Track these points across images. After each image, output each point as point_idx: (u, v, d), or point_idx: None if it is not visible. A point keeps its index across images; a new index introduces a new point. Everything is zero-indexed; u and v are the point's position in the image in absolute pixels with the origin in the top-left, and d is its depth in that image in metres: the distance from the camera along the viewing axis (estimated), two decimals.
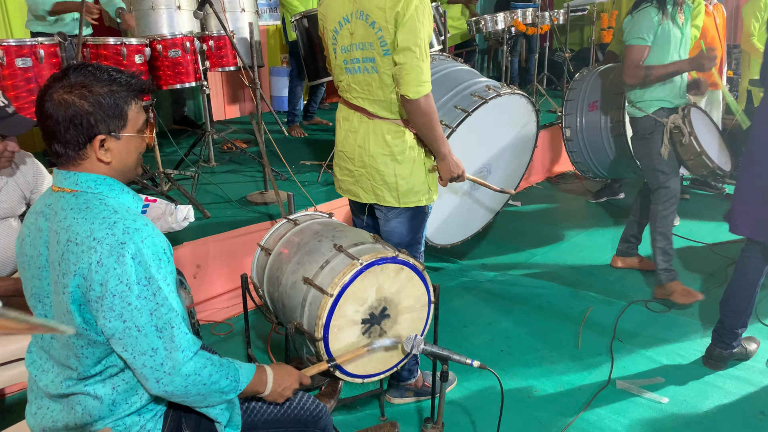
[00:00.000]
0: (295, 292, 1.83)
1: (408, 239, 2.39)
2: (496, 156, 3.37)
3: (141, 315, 1.27)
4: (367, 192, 2.34)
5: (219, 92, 6.21)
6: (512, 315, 3.19)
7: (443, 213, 3.40)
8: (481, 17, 5.76)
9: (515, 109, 3.35)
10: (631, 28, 3.05)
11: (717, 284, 3.48)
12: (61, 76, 1.30)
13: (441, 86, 3.25)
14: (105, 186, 1.34)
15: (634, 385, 2.59)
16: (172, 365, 1.29)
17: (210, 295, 3.19)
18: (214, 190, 3.95)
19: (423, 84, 2.06)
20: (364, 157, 2.27)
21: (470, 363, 1.76)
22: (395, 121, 2.22)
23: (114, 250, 1.25)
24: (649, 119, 3.16)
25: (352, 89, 2.27)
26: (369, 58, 2.15)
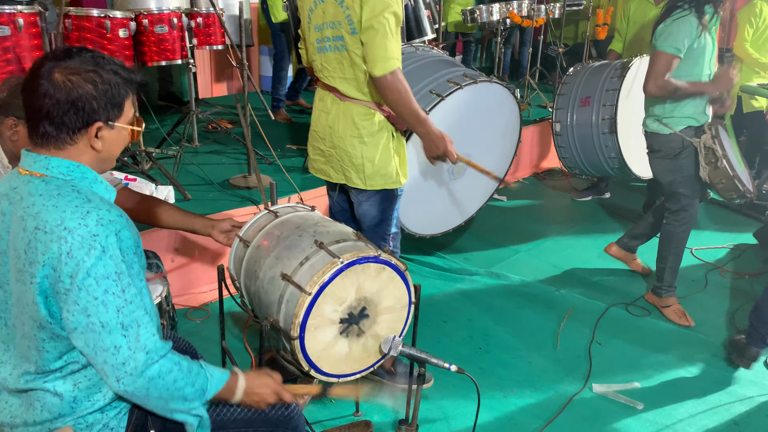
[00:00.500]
0: (273, 287, 1.78)
1: (378, 220, 2.46)
2: (477, 147, 3.34)
3: (107, 311, 1.21)
4: (337, 172, 2.40)
5: (206, 70, 6.08)
6: (492, 312, 3.17)
7: (426, 203, 3.37)
8: (476, 7, 5.69)
9: (495, 99, 3.33)
10: (667, 35, 2.80)
11: (698, 290, 3.49)
12: (64, 56, 1.26)
13: (419, 74, 3.27)
14: (78, 173, 1.29)
15: (610, 390, 2.58)
16: (135, 366, 1.23)
17: (187, 280, 3.13)
18: (196, 171, 3.87)
19: (388, 60, 2.07)
20: (333, 138, 2.32)
21: (448, 367, 1.74)
22: (366, 103, 2.25)
23: (85, 241, 1.19)
24: (677, 138, 2.96)
25: (324, 68, 2.31)
26: (338, 37, 2.18)
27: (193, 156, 4.14)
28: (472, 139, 3.33)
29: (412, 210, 3.31)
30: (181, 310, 3.04)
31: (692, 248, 4.00)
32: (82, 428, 1.32)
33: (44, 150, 1.28)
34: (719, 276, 3.67)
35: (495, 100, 3.34)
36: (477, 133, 3.36)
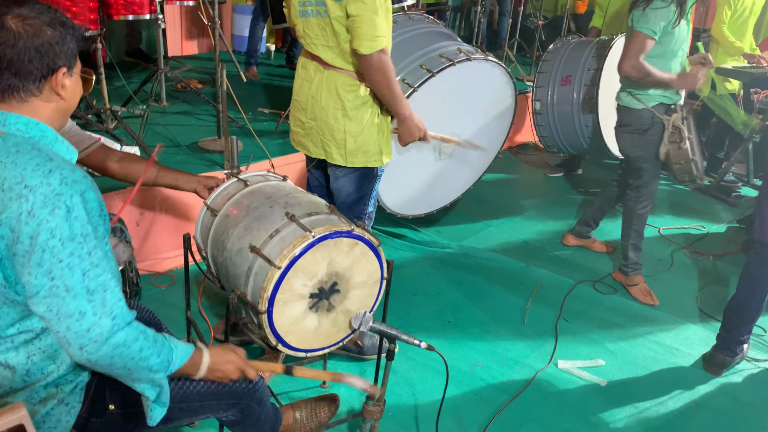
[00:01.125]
0: (241, 259, 1.72)
1: (354, 198, 2.37)
2: (467, 125, 3.26)
3: (72, 274, 1.14)
4: (316, 146, 2.29)
5: (176, 26, 5.86)
6: (462, 286, 3.17)
7: (409, 182, 3.28)
8: None
9: (489, 78, 3.22)
10: (647, 15, 2.80)
11: (663, 269, 3.55)
12: (13, 3, 1.19)
13: (410, 45, 3.12)
14: (38, 131, 1.23)
15: (574, 366, 2.62)
16: (100, 332, 1.17)
17: (152, 244, 3.05)
18: (163, 132, 3.74)
19: (376, 39, 1.98)
20: (315, 108, 2.21)
21: (418, 344, 1.72)
22: (351, 74, 2.15)
23: (48, 200, 1.13)
24: (647, 113, 2.99)
25: (306, 35, 2.19)
26: (320, 2, 2.07)
27: (160, 116, 4.00)
28: (461, 115, 3.22)
29: (394, 189, 3.21)
30: (146, 275, 2.96)
31: (660, 228, 4.06)
32: (34, 403, 1.27)
33: (4, 105, 1.22)
34: (685, 256, 3.73)
35: (489, 79, 3.22)
36: (468, 111, 3.25)
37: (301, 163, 3.60)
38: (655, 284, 3.31)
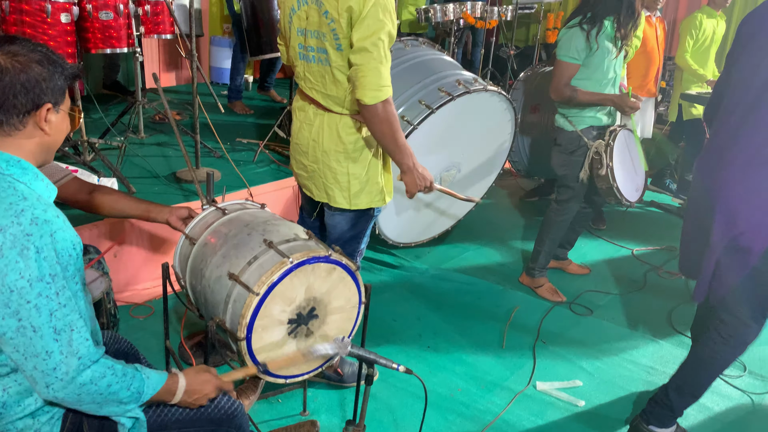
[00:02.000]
0: (219, 287, 1.74)
1: (348, 236, 2.33)
2: (466, 155, 3.16)
3: (39, 315, 1.16)
4: (319, 190, 2.24)
5: (154, 59, 5.90)
6: (441, 311, 3.20)
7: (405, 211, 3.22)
8: (430, 6, 5.72)
9: (488, 107, 3.16)
10: (562, 45, 3.00)
11: (636, 288, 3.62)
12: (3, 41, 1.24)
13: (410, 76, 3.07)
14: (17, 168, 1.24)
15: (553, 388, 2.65)
16: (66, 371, 1.19)
17: (130, 275, 3.04)
18: (141, 163, 3.75)
19: (382, 89, 1.91)
20: (317, 152, 2.16)
21: (396, 368, 1.73)
22: (351, 116, 2.09)
23: (18, 241, 1.14)
24: (576, 135, 3.14)
25: (307, 79, 2.14)
26: (322, 49, 2.02)
27: (138, 148, 4.01)
28: (462, 147, 3.17)
29: (393, 219, 3.18)
30: (124, 306, 2.94)
31: (633, 249, 4.15)
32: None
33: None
34: (657, 276, 3.81)
35: (488, 108, 3.17)
36: (467, 140, 3.20)
37: (281, 191, 3.64)
38: (629, 304, 3.38)
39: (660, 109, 6.11)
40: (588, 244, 4.22)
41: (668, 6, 6.67)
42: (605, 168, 3.09)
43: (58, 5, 3.21)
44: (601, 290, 3.55)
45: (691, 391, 2.28)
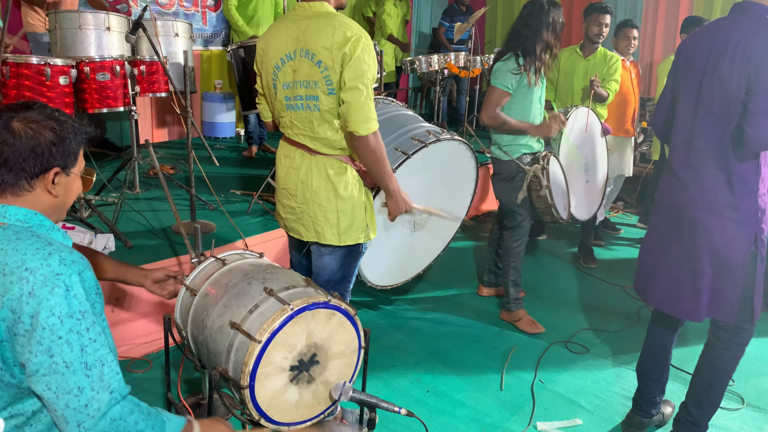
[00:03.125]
0: (221, 336, 1.77)
1: (338, 276, 2.40)
2: (436, 198, 3.40)
3: (71, 350, 1.20)
4: (308, 230, 2.34)
5: (147, 115, 6.02)
6: (439, 354, 3.21)
7: (384, 254, 3.35)
8: (415, 58, 5.91)
9: (454, 154, 3.41)
10: (498, 74, 3.20)
11: (630, 324, 3.65)
12: (21, 108, 1.32)
13: (383, 129, 3.25)
14: (36, 221, 1.32)
15: (553, 428, 2.65)
16: (98, 407, 1.22)
17: (129, 330, 3.04)
18: (137, 218, 3.80)
19: (371, 121, 2.12)
20: (306, 192, 2.28)
21: (398, 411, 1.75)
22: (337, 157, 2.25)
23: (48, 280, 1.20)
24: (513, 164, 3.36)
25: (294, 126, 2.28)
26: (312, 96, 2.18)
27: (134, 203, 4.07)
28: (430, 189, 3.38)
29: (375, 263, 3.29)
30: (122, 361, 2.94)
31: (625, 286, 4.20)
32: None
33: (2, 199, 1.31)
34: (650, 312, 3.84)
35: (455, 155, 3.41)
36: (437, 186, 3.41)
37: (276, 240, 3.68)
38: (624, 341, 3.41)
39: (643, 148, 6.27)
40: (580, 282, 4.27)
41: (645, 50, 6.93)
42: (543, 189, 3.33)
43: (57, 68, 3.31)
44: (596, 328, 3.59)
45: (709, 403, 2.40)
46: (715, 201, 2.16)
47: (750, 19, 2.10)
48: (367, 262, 3.21)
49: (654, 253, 2.41)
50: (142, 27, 3.33)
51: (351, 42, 2.07)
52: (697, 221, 2.20)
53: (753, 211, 2.13)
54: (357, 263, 2.45)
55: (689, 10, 6.56)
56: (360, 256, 2.44)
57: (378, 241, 3.21)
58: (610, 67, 4.33)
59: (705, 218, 2.18)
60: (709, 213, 2.17)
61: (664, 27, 6.82)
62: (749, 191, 2.12)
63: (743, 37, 2.05)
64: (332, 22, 2.12)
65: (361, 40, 2.09)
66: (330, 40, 2.08)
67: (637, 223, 5.62)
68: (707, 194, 2.17)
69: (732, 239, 2.15)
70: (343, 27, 2.10)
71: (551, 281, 4.28)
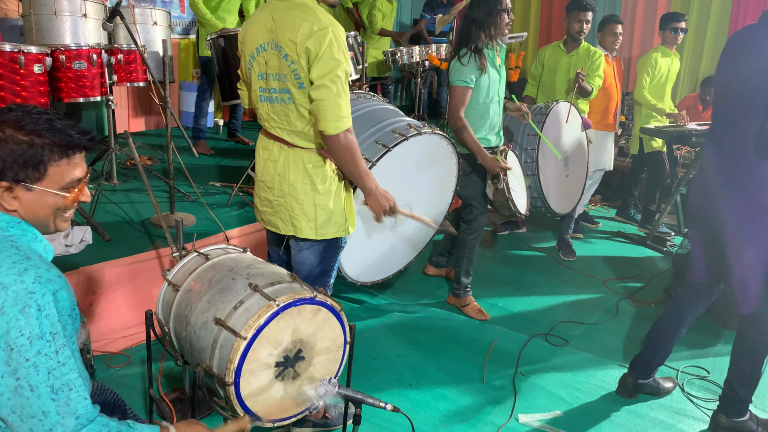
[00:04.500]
0: (205, 333, 1.75)
1: (318, 271, 2.39)
2: (418, 192, 3.39)
3: (37, 373, 1.15)
4: (285, 223, 2.32)
5: (123, 105, 5.92)
6: (421, 348, 3.22)
7: (365, 249, 3.34)
8: (397, 49, 5.89)
9: (435, 149, 3.39)
10: (456, 71, 3.24)
11: (609, 317, 3.70)
12: None
13: (364, 123, 3.28)
14: (18, 230, 1.26)
15: (534, 420, 2.68)
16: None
17: (107, 324, 2.99)
18: (115, 210, 3.73)
19: (342, 119, 2.06)
20: (284, 185, 2.25)
21: (384, 406, 1.75)
22: (316, 151, 2.22)
23: (20, 298, 1.15)
24: (472, 157, 3.40)
25: (270, 119, 2.25)
26: (285, 89, 2.15)
27: (111, 194, 4.00)
28: (414, 186, 3.36)
29: (354, 259, 3.28)
30: (100, 356, 2.89)
31: (603, 279, 4.25)
32: None
33: None
34: (628, 305, 3.91)
35: (435, 149, 3.40)
36: (418, 180, 3.40)
37: (256, 233, 3.65)
38: (603, 333, 3.45)
39: (621, 142, 6.34)
40: (559, 275, 4.31)
41: (623, 45, 6.98)
42: (501, 182, 3.41)
43: (31, 56, 3.23)
44: (575, 321, 3.63)
45: (751, 378, 2.58)
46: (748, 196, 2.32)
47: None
48: (347, 257, 3.20)
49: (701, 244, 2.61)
50: (120, 15, 3.25)
51: (315, 36, 2.00)
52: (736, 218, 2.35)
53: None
54: (337, 258, 2.43)
55: (667, 6, 6.64)
56: (339, 251, 2.43)
57: (358, 237, 3.21)
58: (593, 63, 4.37)
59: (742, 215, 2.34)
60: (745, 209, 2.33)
61: (642, 23, 6.89)
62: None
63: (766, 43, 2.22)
64: (303, 14, 2.06)
65: (328, 34, 2.02)
66: (296, 33, 2.03)
67: (614, 217, 5.70)
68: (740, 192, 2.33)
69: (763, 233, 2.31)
70: (311, 20, 2.04)
71: (531, 274, 4.31)
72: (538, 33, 7.90)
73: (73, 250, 2.96)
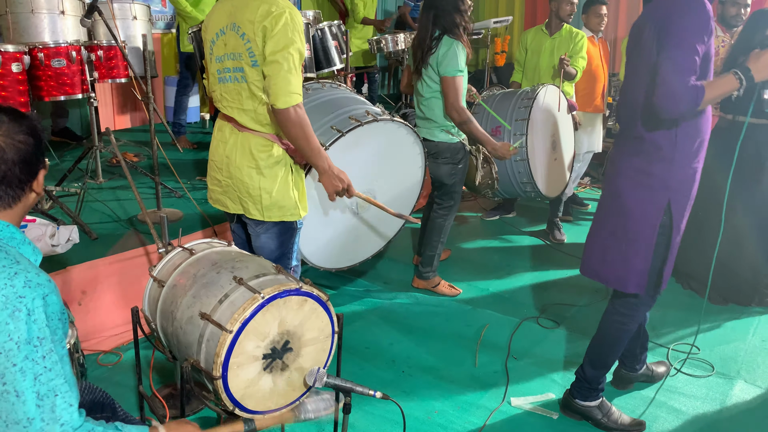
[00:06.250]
0: (192, 327, 1.74)
1: (277, 254, 2.44)
2: (381, 181, 3.36)
3: (24, 378, 1.14)
4: (234, 203, 2.39)
5: (108, 102, 5.87)
6: (413, 335, 3.23)
7: (332, 236, 3.33)
8: (382, 37, 5.85)
9: (395, 137, 3.37)
10: (448, 62, 3.18)
11: (599, 298, 3.72)
12: None
13: (323, 110, 3.29)
14: (7, 233, 1.27)
15: (527, 402, 2.70)
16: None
17: (97, 323, 2.98)
18: (101, 208, 3.71)
19: (291, 94, 2.12)
20: (230, 168, 2.32)
21: (373, 394, 1.76)
22: (264, 135, 2.27)
23: (10, 302, 1.14)
24: (459, 145, 3.43)
25: (223, 98, 2.33)
26: (238, 68, 2.22)
27: (97, 192, 3.97)
28: (375, 174, 3.35)
29: (315, 243, 3.27)
30: (91, 355, 2.88)
31: None
32: None
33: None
34: None
35: (398, 137, 3.38)
36: (379, 168, 3.38)
37: None
38: (594, 314, 3.47)
39: (609, 123, 6.34)
40: (549, 257, 4.33)
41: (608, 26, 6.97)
42: (494, 164, 3.54)
43: (8, 55, 3.19)
44: (566, 303, 3.64)
45: (601, 364, 2.53)
46: (631, 167, 2.24)
47: None
48: (307, 242, 3.19)
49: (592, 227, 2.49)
50: (98, 10, 3.21)
51: (272, 16, 2.09)
52: (618, 187, 2.28)
53: (665, 179, 2.19)
54: (294, 240, 2.47)
55: None
56: (296, 233, 2.47)
57: (318, 222, 3.21)
58: (576, 44, 4.36)
59: (622, 183, 2.27)
60: (626, 178, 2.26)
61: (627, 3, 6.88)
62: (661, 158, 2.17)
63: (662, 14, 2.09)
64: None
65: (284, 15, 2.11)
66: (254, 13, 2.12)
67: None
68: (626, 161, 2.27)
69: (641, 204, 2.22)
70: (269, 3, 2.13)
71: (521, 258, 4.32)
72: (524, 17, 7.87)
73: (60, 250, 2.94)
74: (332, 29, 4.42)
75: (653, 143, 2.18)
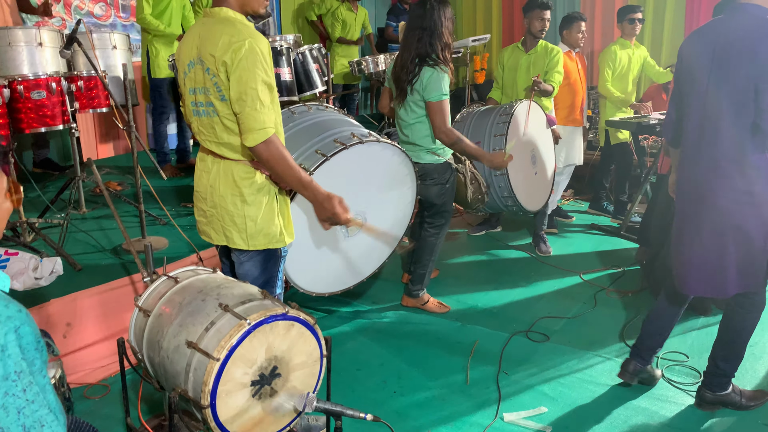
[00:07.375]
0: (178, 356, 1.73)
1: (261, 281, 2.41)
2: (372, 205, 3.30)
3: (7, 415, 1.12)
4: (218, 233, 2.36)
5: (90, 132, 5.85)
6: (404, 354, 3.22)
7: (320, 261, 3.27)
8: (362, 59, 5.91)
9: (383, 158, 3.32)
10: (432, 87, 3.20)
11: (587, 309, 3.73)
12: None
13: (309, 133, 3.24)
14: None
15: (519, 417, 2.69)
16: None
17: (82, 355, 2.94)
18: (85, 238, 3.68)
19: (259, 131, 2.08)
20: (214, 196, 2.30)
21: (364, 417, 1.75)
22: (246, 163, 2.26)
23: None
24: (446, 164, 3.46)
25: (201, 132, 2.32)
26: (209, 103, 2.20)
27: (81, 223, 3.94)
28: (366, 197, 3.29)
29: (304, 268, 3.21)
30: (77, 388, 2.84)
31: (580, 272, 4.29)
32: None
33: None
34: (606, 296, 3.95)
35: (385, 158, 3.33)
36: (369, 191, 3.32)
37: None
38: (583, 326, 3.48)
39: (589, 136, 6.42)
40: (536, 271, 4.35)
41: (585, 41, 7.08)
42: (483, 181, 3.57)
43: None
44: (555, 315, 3.65)
45: (735, 356, 2.69)
46: (733, 188, 2.40)
47: (749, 20, 2.31)
48: (296, 267, 3.12)
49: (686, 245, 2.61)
50: (77, 41, 3.22)
51: (232, 49, 2.04)
52: (720, 207, 2.44)
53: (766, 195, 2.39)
54: (278, 267, 2.45)
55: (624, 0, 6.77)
56: (281, 261, 2.44)
57: (306, 247, 3.16)
58: (551, 60, 4.43)
59: (726, 204, 2.42)
60: (729, 199, 2.41)
61: (602, 17, 7.00)
62: (761, 177, 2.37)
63: (746, 39, 2.27)
64: (224, 28, 2.10)
65: (243, 47, 2.04)
66: (216, 47, 2.08)
67: (588, 210, 5.76)
68: (725, 183, 2.41)
69: (751, 219, 2.41)
70: (230, 33, 2.07)
71: (508, 272, 4.34)
72: (501, 35, 7.98)
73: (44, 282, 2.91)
74: (313, 52, 4.45)
75: (752, 165, 2.35)
